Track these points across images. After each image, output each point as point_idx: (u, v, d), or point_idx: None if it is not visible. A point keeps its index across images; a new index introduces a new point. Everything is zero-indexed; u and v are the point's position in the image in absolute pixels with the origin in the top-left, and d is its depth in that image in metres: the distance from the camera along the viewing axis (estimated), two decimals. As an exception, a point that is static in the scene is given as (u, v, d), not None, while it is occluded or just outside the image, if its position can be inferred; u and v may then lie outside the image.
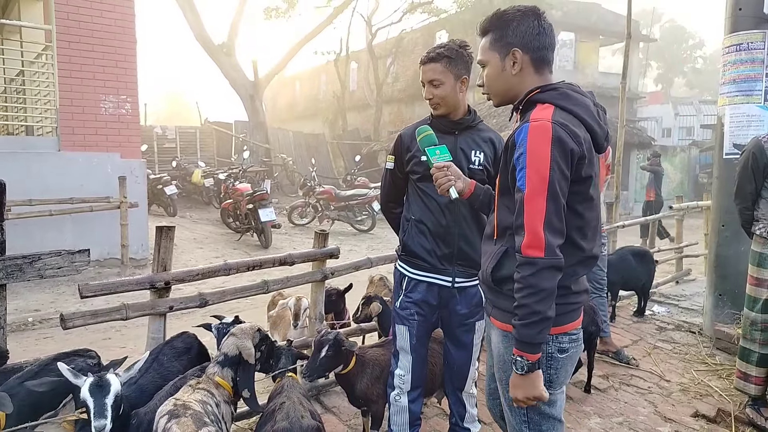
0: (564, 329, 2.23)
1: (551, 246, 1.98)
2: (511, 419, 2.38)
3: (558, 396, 2.33)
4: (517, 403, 2.15)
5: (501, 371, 2.34)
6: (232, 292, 3.70)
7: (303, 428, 2.54)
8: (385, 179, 3.41)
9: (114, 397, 2.39)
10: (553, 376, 2.24)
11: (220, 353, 2.77)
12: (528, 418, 2.31)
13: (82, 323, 3.10)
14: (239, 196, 12.59)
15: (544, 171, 1.96)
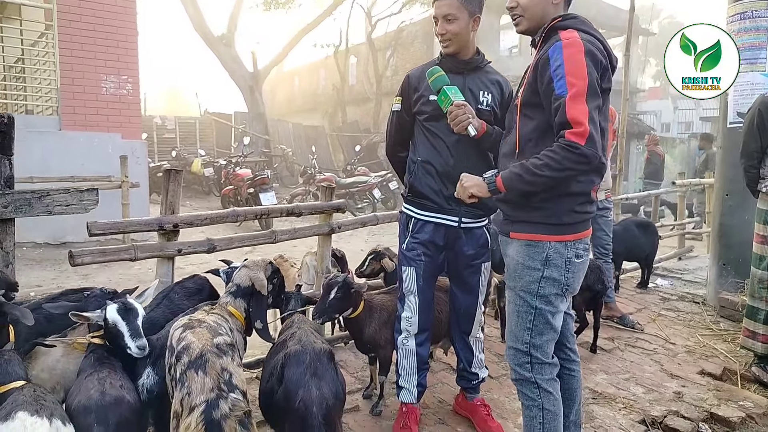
0: (580, 236, 2.40)
1: (593, 137, 2.11)
2: (514, 327, 2.49)
3: (561, 308, 2.47)
4: (466, 194, 2.51)
5: (515, 279, 2.46)
6: (240, 239, 3.69)
7: (316, 351, 2.54)
8: (391, 122, 3.40)
9: (141, 319, 2.41)
10: (569, 280, 2.39)
11: (233, 284, 2.75)
12: (532, 326, 2.41)
13: (90, 260, 3.09)
14: (240, 181, 12.56)
15: (582, 76, 2.13)
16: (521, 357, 2.48)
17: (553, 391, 2.48)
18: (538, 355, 2.45)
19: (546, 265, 2.34)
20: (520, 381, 2.52)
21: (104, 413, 2.12)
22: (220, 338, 2.20)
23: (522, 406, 2.55)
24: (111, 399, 2.18)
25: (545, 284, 2.37)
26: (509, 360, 2.55)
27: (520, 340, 2.46)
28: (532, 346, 2.44)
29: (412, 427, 3.26)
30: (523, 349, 2.46)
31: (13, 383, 2.26)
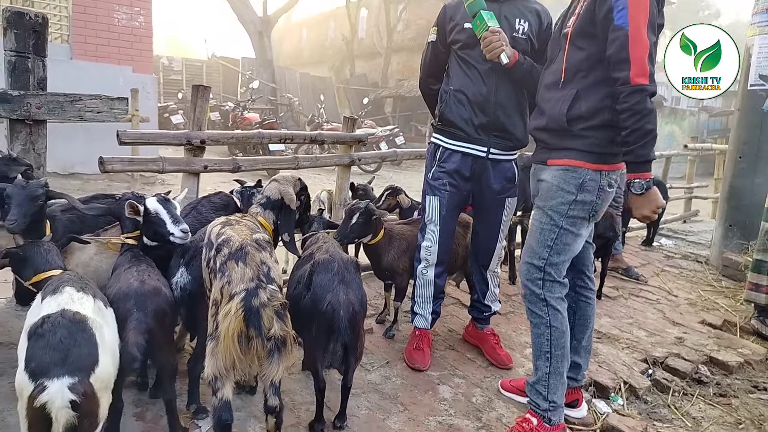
0: (614, 167, 2.47)
1: (652, 74, 2.18)
2: (534, 244, 2.57)
3: (583, 234, 2.55)
4: (645, 218, 2.36)
5: (546, 199, 2.53)
6: (264, 162, 3.72)
7: (343, 260, 2.61)
8: (426, 54, 3.39)
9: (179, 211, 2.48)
10: (598, 207, 2.47)
11: (263, 196, 2.80)
12: (553, 244, 2.50)
13: (120, 168, 3.13)
14: (248, 125, 12.48)
15: (645, 8, 2.16)
16: (535, 273, 2.56)
17: (561, 309, 2.58)
18: (551, 272, 2.54)
19: (580, 190, 2.41)
20: (530, 298, 2.61)
21: (143, 300, 2.21)
22: (259, 234, 2.27)
23: (531, 325, 2.65)
24: (150, 288, 2.26)
25: (575, 207, 2.44)
26: (522, 275, 2.64)
27: (538, 256, 2.55)
28: (549, 263, 2.53)
29: (424, 349, 3.38)
30: (538, 265, 2.55)
31: (52, 271, 2.34)
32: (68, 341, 1.79)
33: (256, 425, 2.58)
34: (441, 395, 3.04)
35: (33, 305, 2.05)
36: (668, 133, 19.99)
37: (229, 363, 2.00)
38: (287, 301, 2.10)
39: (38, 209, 2.52)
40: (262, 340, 1.99)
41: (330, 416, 2.65)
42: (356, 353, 2.55)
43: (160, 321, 2.24)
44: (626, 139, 2.23)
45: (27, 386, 1.75)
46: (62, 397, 1.74)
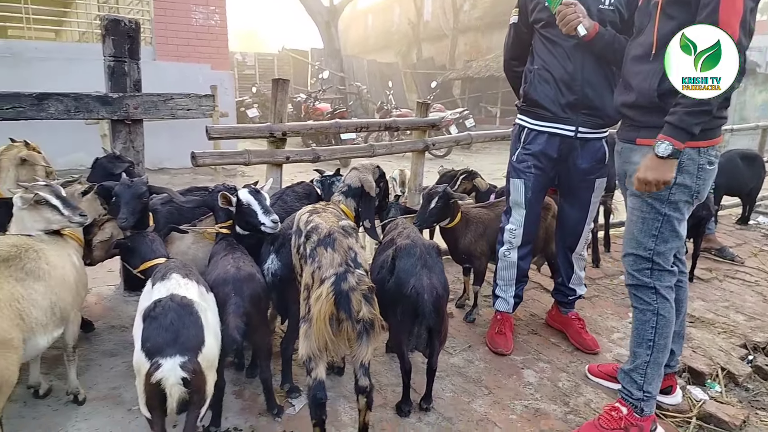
0: (713, 143, 2.30)
1: (741, 42, 2.01)
2: (637, 234, 2.42)
3: (687, 216, 2.40)
4: (643, 185, 2.22)
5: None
6: (342, 151, 3.81)
7: (425, 245, 2.64)
8: (509, 35, 3.31)
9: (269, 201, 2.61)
10: (700, 187, 2.31)
11: (344, 184, 2.88)
12: (658, 233, 2.36)
13: (210, 162, 3.31)
14: (319, 115, 12.74)
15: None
16: (641, 263, 2.42)
17: (670, 298, 2.43)
18: (660, 262, 2.38)
19: (678, 172, 2.24)
20: (637, 286, 2.47)
21: (240, 286, 2.34)
22: (345, 221, 2.34)
23: (634, 311, 2.53)
24: (245, 274, 2.40)
25: (676, 191, 2.28)
26: (627, 266, 2.51)
27: (643, 247, 2.40)
28: (656, 253, 2.37)
29: (506, 333, 3.36)
30: (644, 256, 2.40)
31: (158, 259, 2.53)
32: (178, 323, 1.94)
33: (346, 404, 2.68)
34: (526, 379, 3.02)
35: (144, 291, 2.23)
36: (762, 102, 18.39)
37: (321, 344, 2.09)
38: (374, 285, 2.15)
39: (143, 205, 2.73)
40: (352, 322, 2.07)
41: (416, 398, 2.71)
42: (441, 336, 2.59)
43: (255, 305, 2.38)
44: (680, 100, 2.10)
45: (144, 364, 1.92)
46: (175, 374, 1.89)
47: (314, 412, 2.11)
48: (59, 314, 2.34)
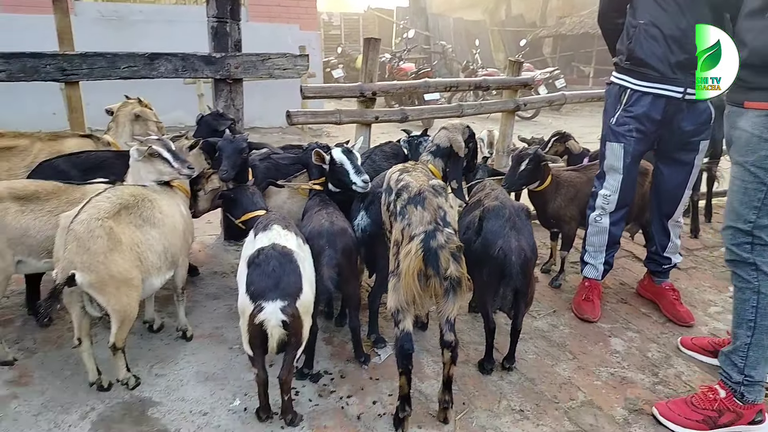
0: None
1: None
2: (737, 205, 2.24)
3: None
4: None
5: (746, 153, 2.19)
6: (430, 111, 3.80)
7: (514, 207, 2.62)
8: None
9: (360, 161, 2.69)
10: None
11: (433, 144, 2.88)
12: (761, 204, 2.17)
13: (303, 121, 3.43)
14: (403, 75, 12.63)
15: None
16: (740, 237, 2.25)
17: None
18: (762, 236, 2.19)
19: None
20: (736, 262, 2.30)
21: (333, 239, 2.46)
22: (435, 181, 2.37)
23: (734, 289, 2.37)
24: (338, 228, 2.51)
25: None
26: (726, 240, 2.35)
27: (743, 219, 2.22)
28: (756, 226, 2.19)
29: (594, 300, 3.29)
30: (744, 229, 2.23)
31: (258, 211, 2.69)
32: (279, 270, 2.08)
33: (429, 358, 2.77)
34: (613, 347, 2.96)
35: (247, 240, 2.39)
36: None
37: (409, 298, 2.16)
38: (462, 245, 2.18)
39: (243, 160, 2.89)
40: (440, 279, 2.11)
41: (497, 358, 2.74)
42: (527, 298, 2.59)
43: (347, 257, 2.49)
44: None
45: (248, 306, 2.08)
46: (276, 317, 2.05)
47: (401, 362, 2.20)
48: (170, 259, 2.58)
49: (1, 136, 2.99)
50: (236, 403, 2.38)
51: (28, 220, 2.45)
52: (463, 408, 2.42)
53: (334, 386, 2.53)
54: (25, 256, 2.48)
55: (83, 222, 2.19)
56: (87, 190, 2.58)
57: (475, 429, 2.30)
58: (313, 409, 2.37)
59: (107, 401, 2.35)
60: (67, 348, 2.68)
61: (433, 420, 2.33)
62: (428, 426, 2.30)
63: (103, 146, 3.19)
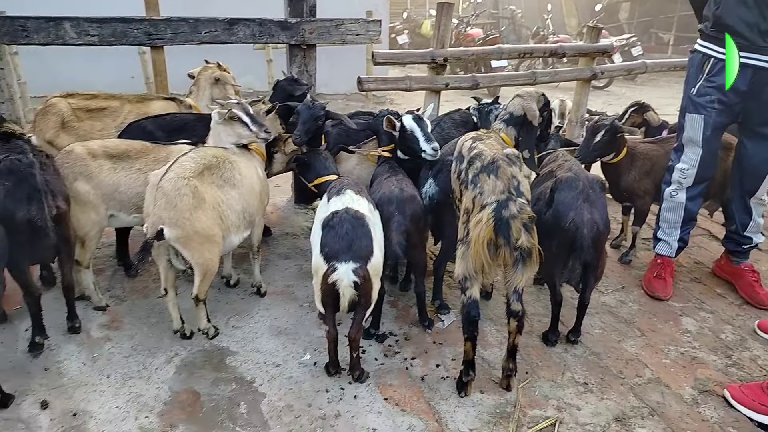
0: None
1: None
2: None
3: None
4: None
5: None
6: (502, 78, 3.72)
7: (588, 178, 2.57)
8: None
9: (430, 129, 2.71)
10: None
11: (506, 112, 2.84)
12: None
13: (374, 87, 3.45)
14: (470, 41, 12.32)
15: None
16: None
17: None
18: None
19: None
20: None
21: (403, 205, 2.50)
22: (509, 150, 2.35)
23: None
24: (408, 195, 2.55)
25: None
26: None
27: None
28: None
29: (666, 278, 3.19)
30: None
31: (330, 176, 2.77)
32: (352, 233, 2.15)
33: (492, 327, 2.80)
34: (684, 327, 2.88)
35: (320, 203, 2.47)
36: None
37: (478, 266, 2.18)
38: (535, 215, 2.17)
39: (318, 127, 2.95)
40: (510, 249, 2.12)
41: (562, 330, 2.74)
42: (596, 272, 2.55)
43: (415, 224, 2.52)
44: None
45: (322, 266, 2.17)
46: (348, 277, 2.12)
47: (467, 328, 2.24)
48: (248, 218, 2.70)
49: (95, 97, 3.20)
50: (306, 357, 2.50)
51: (120, 177, 2.63)
52: (526, 377, 2.44)
53: (398, 347, 2.61)
54: (116, 211, 2.68)
55: (171, 180, 2.33)
56: (172, 150, 2.73)
57: (537, 398, 2.33)
58: (378, 368, 2.46)
59: (189, 348, 2.53)
60: (152, 297, 2.90)
61: (495, 386, 2.37)
62: (490, 392, 2.34)
63: (185, 109, 3.35)
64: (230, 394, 2.26)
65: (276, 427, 2.10)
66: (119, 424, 2.09)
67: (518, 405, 2.27)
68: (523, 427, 2.16)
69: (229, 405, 2.21)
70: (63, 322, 2.59)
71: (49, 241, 2.28)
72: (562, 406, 2.29)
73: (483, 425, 2.16)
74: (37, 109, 3.23)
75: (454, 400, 2.29)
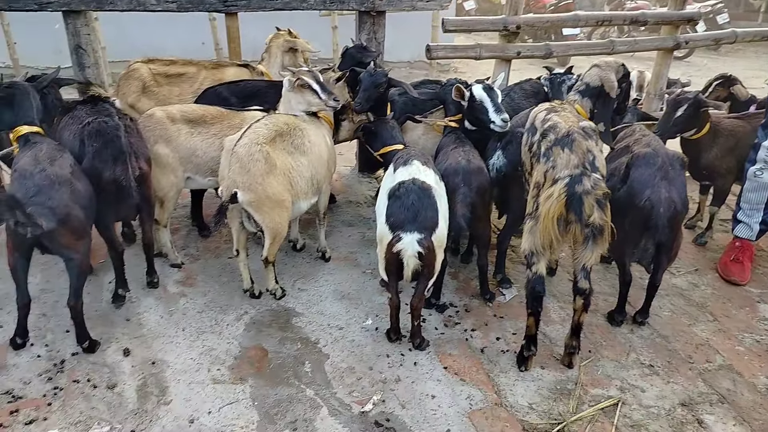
0: None
1: None
2: None
3: None
4: None
5: None
6: (577, 47, 3.57)
7: (668, 155, 2.46)
8: None
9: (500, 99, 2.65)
10: None
11: (582, 83, 2.73)
12: None
13: (443, 55, 3.39)
14: (541, 7, 11.81)
15: None
16: None
17: None
18: None
19: None
20: None
21: (469, 177, 2.47)
22: (585, 123, 2.27)
23: None
24: (475, 167, 2.52)
25: None
26: None
27: None
28: None
29: (744, 262, 3.03)
30: None
31: (396, 145, 2.76)
32: (418, 204, 2.16)
33: (555, 303, 2.76)
34: (761, 314, 2.74)
35: (387, 173, 2.48)
36: None
37: (546, 242, 2.14)
38: (609, 192, 2.09)
39: (380, 94, 2.94)
40: (581, 225, 2.06)
41: (629, 311, 2.66)
42: (671, 253, 2.45)
43: (481, 196, 2.50)
44: None
45: (387, 235, 2.19)
46: (412, 247, 2.14)
47: (531, 303, 2.22)
48: (316, 185, 2.76)
49: (174, 63, 3.32)
50: (368, 322, 2.56)
51: (197, 141, 2.73)
52: (588, 356, 2.41)
53: (458, 318, 2.63)
54: (193, 173, 2.80)
55: (245, 146, 2.41)
56: (245, 116, 2.81)
57: (600, 377, 2.30)
58: (438, 337, 2.49)
59: (258, 307, 2.65)
60: (224, 257, 3.03)
61: (556, 363, 2.36)
62: (551, 368, 2.33)
63: (257, 76, 3.42)
64: (296, 353, 2.36)
65: (339, 387, 2.18)
66: (193, 374, 2.22)
67: (580, 383, 2.25)
68: (584, 405, 2.14)
69: (295, 363, 2.30)
70: (142, 276, 2.76)
71: (132, 200, 2.42)
72: (626, 386, 2.25)
73: (542, 400, 2.16)
74: (120, 73, 3.39)
75: (513, 374, 2.29)
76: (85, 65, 3.29)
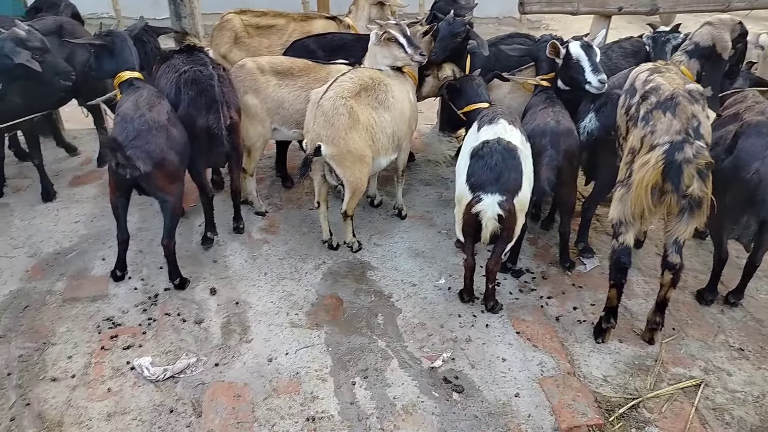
0: None
1: None
2: None
3: None
4: None
5: None
6: (686, 4, 3.26)
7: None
8: None
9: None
10: None
11: (691, 42, 2.50)
12: None
13: (537, 9, 3.22)
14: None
15: None
16: None
17: None
18: None
19: None
20: None
21: (557, 139, 2.37)
22: (692, 85, 2.09)
23: None
24: (564, 128, 2.40)
25: None
26: None
27: None
28: None
29: None
30: None
31: (481, 104, 2.68)
32: (501, 165, 2.10)
33: (639, 277, 2.64)
34: None
35: (470, 131, 2.43)
36: None
37: (637, 212, 2.03)
38: (713, 162, 1.94)
39: (457, 45, 2.84)
40: (678, 196, 1.93)
41: (721, 290, 2.50)
42: (776, 232, 2.25)
43: (569, 160, 2.40)
44: None
45: (466, 195, 2.16)
46: (492, 209, 2.10)
47: (614, 275, 2.14)
48: (396, 142, 2.75)
49: (264, 14, 3.37)
50: (441, 281, 2.57)
51: (284, 93, 2.79)
52: (672, 333, 2.30)
53: (534, 285, 2.58)
54: (279, 125, 2.87)
55: (330, 99, 2.43)
56: (331, 69, 2.82)
57: (682, 356, 2.19)
58: (512, 302, 2.46)
59: (335, 258, 2.72)
60: (305, 209, 3.12)
61: (636, 338, 2.27)
62: (630, 342, 2.25)
63: (344, 29, 3.40)
64: (369, 305, 2.42)
65: (409, 341, 2.23)
66: (273, 317, 2.34)
67: (660, 360, 2.16)
68: (663, 383, 2.07)
69: (368, 314, 2.37)
70: (229, 222, 2.90)
71: (223, 148, 2.53)
72: (710, 368, 2.14)
73: (618, 374, 2.10)
74: (214, 24, 3.48)
75: (589, 345, 2.24)
76: (182, 15, 3.41)
